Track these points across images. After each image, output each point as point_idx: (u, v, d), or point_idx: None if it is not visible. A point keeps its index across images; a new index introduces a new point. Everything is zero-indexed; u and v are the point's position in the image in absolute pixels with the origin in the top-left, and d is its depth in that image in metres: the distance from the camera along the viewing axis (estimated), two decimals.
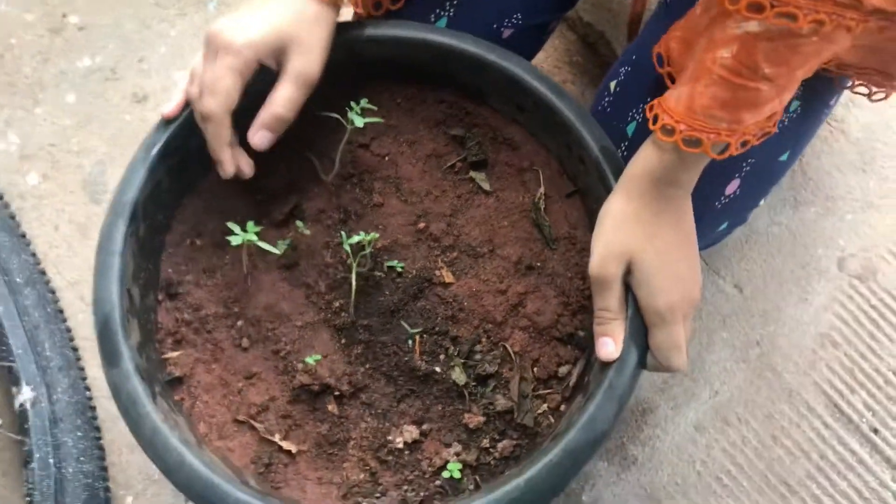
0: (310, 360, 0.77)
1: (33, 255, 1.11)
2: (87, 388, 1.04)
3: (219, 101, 0.73)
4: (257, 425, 0.77)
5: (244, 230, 0.77)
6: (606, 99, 0.89)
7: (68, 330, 1.08)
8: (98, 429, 1.02)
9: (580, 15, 1.25)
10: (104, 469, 1.00)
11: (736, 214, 0.88)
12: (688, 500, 1.08)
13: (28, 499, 0.92)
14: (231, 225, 0.76)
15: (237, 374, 0.78)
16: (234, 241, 0.74)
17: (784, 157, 0.85)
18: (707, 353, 1.14)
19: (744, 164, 0.82)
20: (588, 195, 0.81)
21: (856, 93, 0.82)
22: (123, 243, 0.73)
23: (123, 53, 1.24)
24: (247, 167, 0.79)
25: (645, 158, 0.70)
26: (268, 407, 0.78)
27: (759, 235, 1.18)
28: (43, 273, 1.10)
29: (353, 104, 0.79)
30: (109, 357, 0.70)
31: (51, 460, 0.94)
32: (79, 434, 0.99)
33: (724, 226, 0.88)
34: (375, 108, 0.81)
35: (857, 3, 0.58)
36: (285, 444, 0.76)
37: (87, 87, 1.23)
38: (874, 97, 0.81)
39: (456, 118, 0.86)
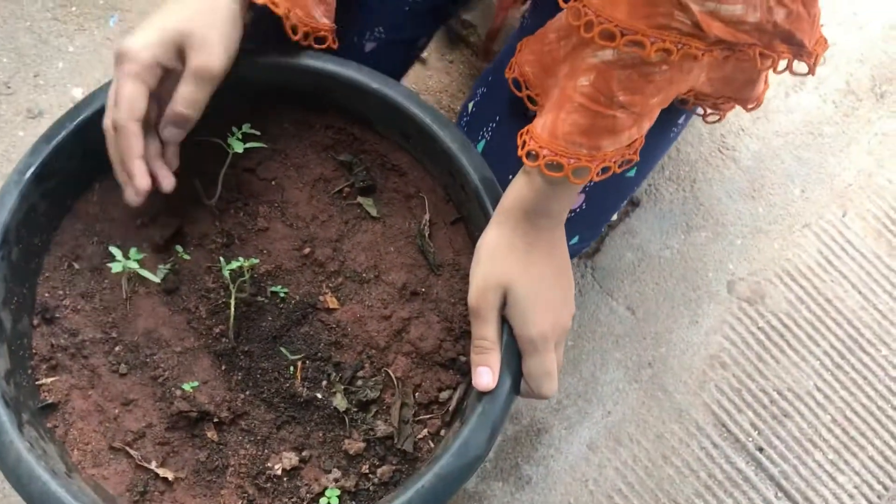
0: (187, 386, 0.77)
1: None
2: None
3: (122, 110, 0.71)
4: (133, 452, 0.76)
5: (126, 256, 0.76)
6: (465, 119, 0.92)
7: None
8: None
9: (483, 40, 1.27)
10: None
11: (586, 228, 0.90)
12: None
13: None
14: (113, 250, 0.75)
15: (114, 401, 0.77)
16: (115, 267, 0.73)
17: (631, 174, 0.88)
18: (600, 374, 1.17)
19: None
20: (471, 222, 0.82)
21: (696, 113, 0.86)
22: None
23: (18, 68, 1.22)
24: (166, 181, 0.76)
25: (515, 189, 0.72)
26: (144, 434, 0.77)
27: (651, 259, 1.22)
28: None
29: (234, 129, 0.79)
30: None
31: None
32: None
33: (574, 240, 0.91)
34: (259, 132, 0.81)
35: (700, 33, 0.61)
36: (162, 472, 0.75)
37: None
38: (708, 119, 0.85)
39: (344, 144, 0.87)
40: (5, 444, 0.67)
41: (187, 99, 0.73)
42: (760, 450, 1.15)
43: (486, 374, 0.71)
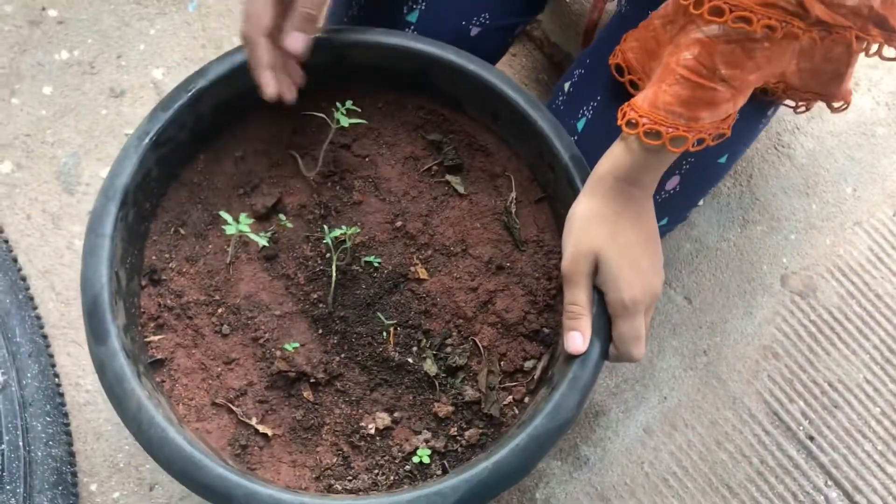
0: (288, 346, 0.81)
1: (5, 242, 1.12)
2: (56, 376, 1.05)
3: (251, 24, 0.77)
4: (235, 409, 0.80)
5: (236, 221, 0.80)
6: (560, 98, 0.95)
7: (38, 318, 1.09)
8: (66, 415, 1.03)
9: (548, 35, 1.31)
10: (72, 454, 1.01)
11: (675, 211, 0.94)
12: (636, 499, 1.14)
13: None
14: (224, 214, 0.79)
15: (216, 360, 0.81)
16: (229, 230, 0.77)
17: (723, 160, 0.91)
18: (657, 360, 1.20)
19: (684, 163, 0.88)
20: (556, 201, 0.86)
21: (784, 105, 0.90)
22: (114, 226, 0.76)
23: (102, 49, 1.26)
24: (289, 93, 0.81)
25: (611, 158, 0.76)
26: (245, 392, 0.81)
27: (709, 251, 1.25)
28: (15, 261, 1.11)
29: (338, 105, 0.83)
30: (97, 335, 0.73)
31: (20, 443, 0.95)
32: (48, 419, 1.00)
33: (664, 221, 0.94)
34: (359, 109, 0.85)
35: (803, 13, 0.65)
36: (261, 428, 0.79)
37: (65, 79, 1.24)
38: (798, 110, 0.88)
39: (433, 124, 0.91)
40: (127, 392, 0.71)
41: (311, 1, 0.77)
42: (811, 438, 1.18)
43: (577, 338, 0.75)
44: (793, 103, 0.88)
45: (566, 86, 0.95)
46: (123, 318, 0.76)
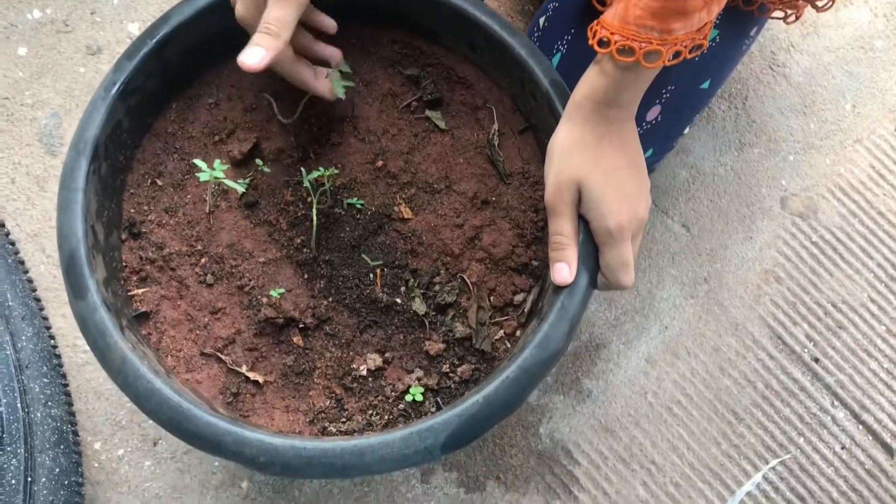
0: (273, 292, 0.79)
1: None
2: (52, 337, 1.05)
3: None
4: (224, 358, 0.79)
5: (210, 168, 0.78)
6: (536, 34, 0.92)
7: (30, 281, 1.08)
8: (64, 375, 1.03)
9: None
10: (72, 414, 1.01)
11: (660, 141, 0.92)
12: (640, 429, 1.13)
13: None
14: (198, 162, 0.78)
15: (202, 310, 0.80)
16: (202, 177, 0.75)
17: (705, 85, 0.89)
18: (657, 290, 1.18)
19: (664, 91, 0.86)
20: (540, 130, 0.84)
21: (772, 18, 0.86)
22: (86, 180, 0.74)
23: (74, 5, 1.24)
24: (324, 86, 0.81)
25: (586, 82, 0.73)
26: (234, 340, 0.80)
27: (706, 176, 1.23)
28: (2, 225, 1.10)
29: (333, 69, 0.81)
30: (76, 290, 0.72)
31: (18, 404, 0.95)
32: (45, 380, 1.00)
33: (649, 152, 0.92)
34: (351, 72, 0.83)
35: None
36: (252, 375, 0.79)
37: (39, 39, 1.22)
38: (788, 20, 0.85)
39: (410, 58, 0.88)
40: (110, 345, 0.70)
41: (278, 20, 0.73)
42: (816, 360, 1.17)
43: (563, 269, 0.73)
44: (781, 14, 0.85)
45: (541, 20, 0.92)
46: (103, 271, 0.75)
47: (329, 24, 0.82)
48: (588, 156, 0.73)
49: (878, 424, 1.14)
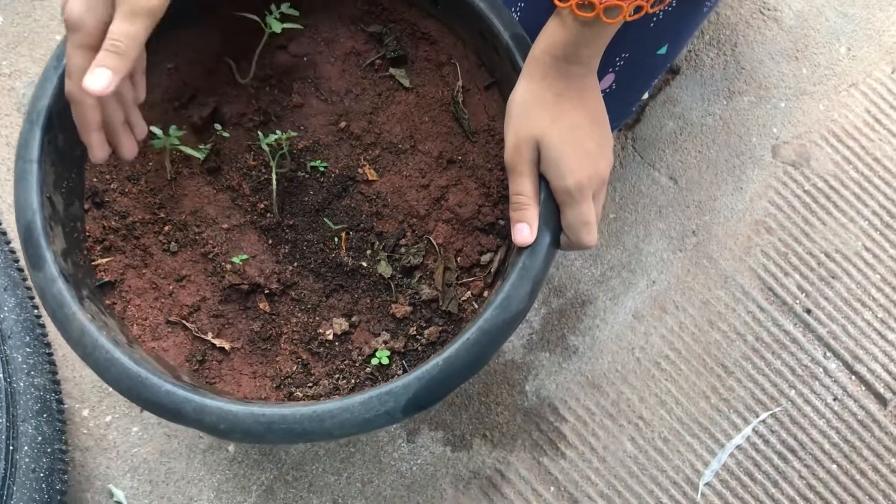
0: (236, 259, 0.79)
1: None
2: (36, 307, 1.06)
3: (74, 82, 0.66)
4: (189, 325, 0.79)
5: (166, 134, 0.77)
6: None
7: (12, 251, 1.08)
8: (48, 345, 1.04)
9: None
10: (56, 383, 1.02)
11: (616, 110, 0.89)
12: (628, 385, 1.12)
13: None
14: (153, 129, 0.77)
15: (167, 278, 0.80)
16: (157, 143, 0.74)
17: (662, 51, 0.86)
18: (644, 244, 1.17)
19: (617, 59, 0.83)
20: (505, 86, 0.82)
21: None
22: (40, 151, 0.73)
23: None
24: (127, 150, 0.72)
25: (545, 36, 0.71)
26: (199, 308, 0.80)
27: (693, 127, 1.20)
28: None
29: (272, 7, 0.78)
30: (34, 261, 0.72)
31: (0, 375, 0.96)
32: (28, 350, 1.01)
33: None
34: (297, 12, 0.80)
35: None
36: (218, 342, 0.79)
37: (14, 7, 1.20)
38: None
39: (373, 15, 0.86)
40: (68, 317, 0.70)
41: (125, 35, 0.63)
42: (808, 311, 1.15)
43: (524, 230, 0.72)
44: None
45: None
46: (62, 242, 0.75)
47: (91, 84, 0.63)
48: (547, 113, 0.71)
49: (871, 374, 1.12)
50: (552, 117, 0.71)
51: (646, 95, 0.93)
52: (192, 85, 0.84)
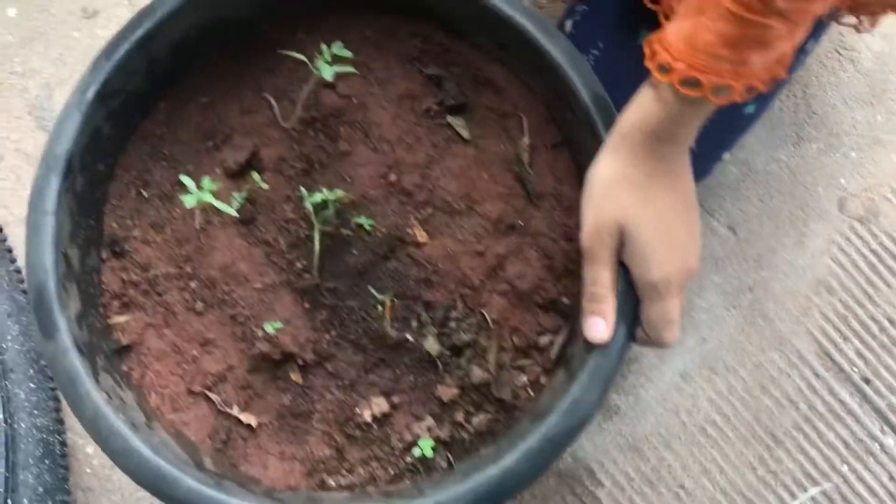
0: (269, 327, 0.71)
1: None
2: None
3: None
4: (213, 397, 0.71)
5: (199, 186, 0.68)
6: None
7: (18, 271, 1.00)
8: (52, 378, 0.96)
9: None
10: (60, 422, 0.94)
11: (694, 169, 0.81)
12: (670, 450, 1.05)
13: None
14: (185, 179, 0.68)
15: (191, 341, 0.72)
16: (188, 202, 0.66)
17: (750, 110, 0.77)
18: (697, 299, 1.09)
19: None
20: (577, 147, 0.73)
21: (842, 24, 0.74)
22: (57, 201, 0.65)
23: None
24: None
25: (637, 109, 0.62)
26: (225, 377, 0.72)
27: (757, 174, 1.11)
28: None
29: (323, 47, 0.69)
30: (45, 329, 0.64)
31: (1, 415, 0.89)
32: (31, 385, 0.93)
33: None
34: (350, 54, 0.71)
35: None
36: (244, 418, 0.71)
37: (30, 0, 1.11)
38: (860, 29, 0.73)
39: (432, 55, 0.77)
40: (82, 396, 0.62)
41: None
42: (867, 381, 1.07)
43: (599, 325, 0.64)
44: (853, 20, 0.73)
45: (567, 25, 0.80)
46: (77, 304, 0.67)
47: None
48: (634, 196, 0.62)
49: None
50: (640, 201, 0.62)
51: (727, 155, 0.85)
52: (228, 123, 0.75)
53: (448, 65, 0.77)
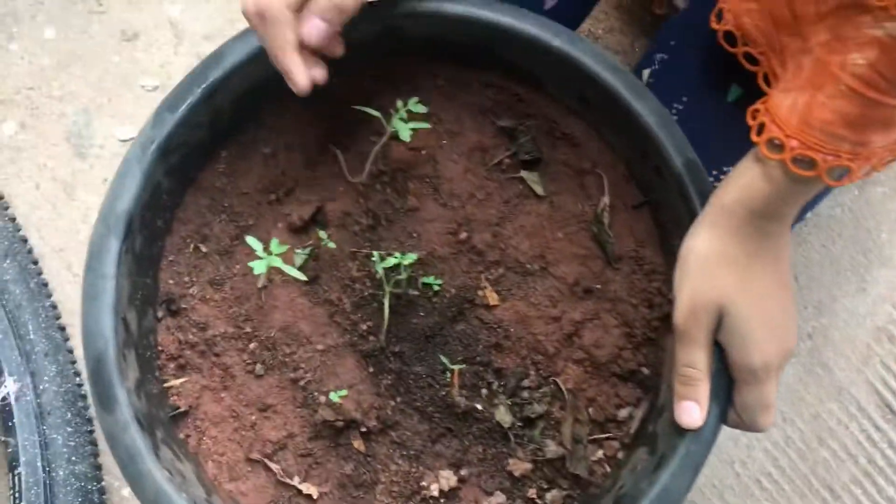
0: (334, 396, 0.67)
1: (13, 220, 0.98)
2: (77, 374, 0.94)
3: None
4: (273, 466, 0.67)
5: (266, 249, 0.64)
6: None
7: (54, 306, 0.97)
8: (90, 420, 0.93)
9: None
10: (98, 468, 0.91)
11: None
12: (724, 502, 1.02)
13: None
14: (251, 241, 0.64)
15: (250, 406, 0.68)
16: (258, 267, 0.62)
17: None
18: None
19: None
20: (660, 208, 0.69)
21: None
22: (117, 264, 0.62)
23: None
24: (320, 74, 0.63)
25: (741, 184, 0.58)
26: (285, 445, 0.68)
27: (819, 218, 1.07)
28: (24, 241, 0.98)
29: (399, 104, 0.65)
30: (104, 401, 0.60)
31: (39, 463, 0.85)
32: (69, 429, 0.89)
33: None
34: (425, 109, 0.67)
35: None
36: (305, 488, 0.67)
37: (68, 20, 1.07)
38: None
39: (505, 106, 0.73)
40: (143, 473, 0.59)
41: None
42: None
43: (693, 411, 0.60)
44: None
45: (645, 74, 0.76)
46: (136, 371, 0.63)
47: (310, 35, 0.61)
48: (735, 276, 0.58)
49: None
50: (741, 281, 0.59)
51: (809, 214, 0.81)
52: (292, 176, 0.71)
53: (522, 117, 0.73)
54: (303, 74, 0.61)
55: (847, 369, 1.05)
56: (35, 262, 0.98)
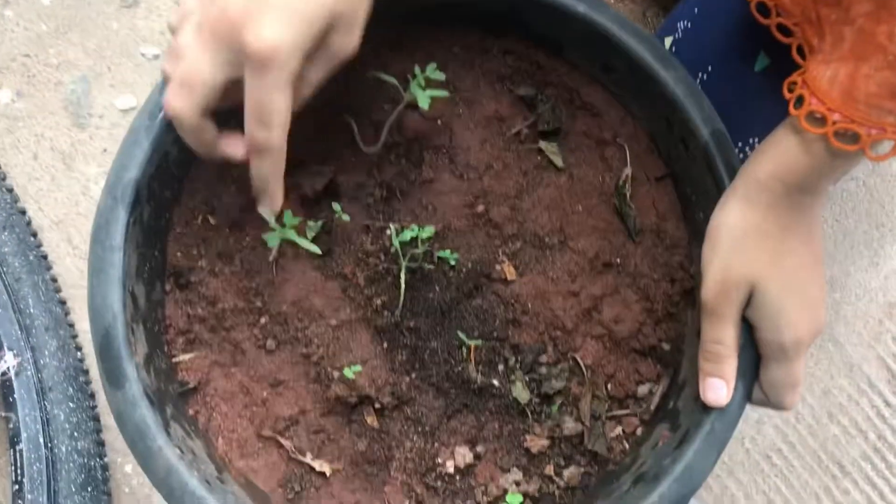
0: (348, 372, 0.65)
1: (10, 190, 0.96)
2: (79, 349, 0.92)
3: (276, 128, 0.58)
4: (285, 443, 0.66)
5: (280, 221, 0.62)
6: None
7: (54, 280, 0.95)
8: (93, 395, 0.91)
9: None
10: (101, 444, 0.89)
11: None
12: (734, 478, 1.01)
13: (16, 486, 0.82)
14: (264, 212, 0.62)
15: (261, 381, 0.67)
16: (271, 240, 0.60)
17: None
18: None
19: None
20: (684, 180, 0.68)
21: None
22: (125, 236, 0.59)
23: None
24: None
25: (778, 157, 0.57)
26: (297, 421, 0.66)
27: (833, 193, 1.06)
28: (23, 213, 0.95)
29: (417, 71, 0.63)
30: (111, 377, 0.58)
31: (41, 439, 0.84)
32: (71, 405, 0.88)
33: None
34: (443, 76, 0.65)
35: None
36: (317, 465, 0.66)
37: None
38: None
39: (525, 74, 0.71)
40: (153, 451, 0.57)
41: (313, 85, 0.59)
42: None
43: (719, 388, 0.59)
44: None
45: (667, 41, 0.74)
46: (144, 346, 0.61)
47: (234, 151, 0.61)
48: (768, 251, 0.57)
49: None
50: (774, 256, 0.57)
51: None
52: (302, 144, 0.69)
53: (542, 85, 0.71)
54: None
55: (858, 345, 1.04)
56: (34, 235, 0.95)
